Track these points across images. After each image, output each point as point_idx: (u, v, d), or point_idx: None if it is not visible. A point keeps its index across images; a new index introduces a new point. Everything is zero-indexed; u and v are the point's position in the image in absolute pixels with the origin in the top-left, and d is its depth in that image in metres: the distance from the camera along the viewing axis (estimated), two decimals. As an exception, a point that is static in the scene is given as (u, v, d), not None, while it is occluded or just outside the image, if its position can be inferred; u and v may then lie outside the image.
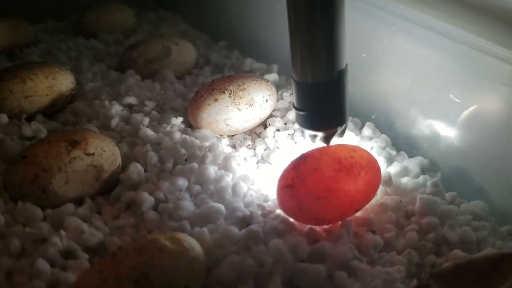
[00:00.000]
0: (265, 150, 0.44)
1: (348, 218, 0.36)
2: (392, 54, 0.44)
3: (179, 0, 0.67)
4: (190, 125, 0.46)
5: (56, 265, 0.33)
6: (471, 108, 0.40)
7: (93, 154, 0.38)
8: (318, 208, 0.34)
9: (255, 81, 0.45)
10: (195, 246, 0.31)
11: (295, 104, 0.37)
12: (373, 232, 0.36)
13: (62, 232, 0.34)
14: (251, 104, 0.44)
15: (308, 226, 0.35)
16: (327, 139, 0.38)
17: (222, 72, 0.55)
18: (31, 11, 0.61)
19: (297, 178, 0.34)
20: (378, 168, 0.37)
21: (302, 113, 0.36)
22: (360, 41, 0.46)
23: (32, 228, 0.35)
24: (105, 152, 0.38)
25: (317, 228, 0.36)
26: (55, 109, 0.47)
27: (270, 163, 0.43)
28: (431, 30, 0.41)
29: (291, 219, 0.36)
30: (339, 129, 0.37)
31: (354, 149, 0.36)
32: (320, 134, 0.37)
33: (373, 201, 0.38)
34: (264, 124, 0.47)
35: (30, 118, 0.45)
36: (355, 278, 0.32)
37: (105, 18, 0.61)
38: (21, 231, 0.34)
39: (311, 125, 0.37)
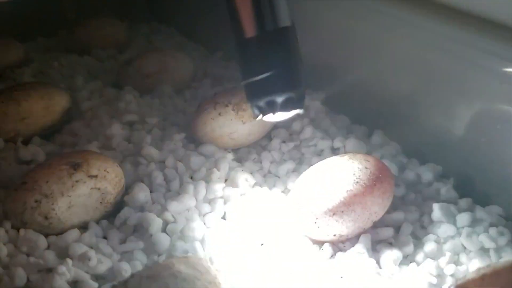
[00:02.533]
0: (271, 163, 0.43)
1: (366, 232, 0.35)
2: (399, 59, 0.43)
3: (172, 12, 0.66)
4: (193, 141, 0.44)
5: (64, 296, 0.31)
6: (481, 112, 0.39)
7: (96, 176, 0.36)
8: (335, 224, 0.33)
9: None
10: (210, 269, 0.30)
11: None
12: (391, 243, 0.35)
13: (69, 261, 0.32)
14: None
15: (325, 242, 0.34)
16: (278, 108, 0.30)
17: (221, 83, 0.54)
18: (20, 28, 0.60)
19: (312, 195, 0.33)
20: (392, 177, 0.36)
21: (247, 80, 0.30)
22: (365, 47, 0.45)
23: (37, 257, 0.33)
24: (109, 174, 0.37)
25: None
26: (52, 131, 0.45)
27: (278, 177, 0.41)
28: (438, 34, 0.40)
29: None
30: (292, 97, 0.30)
31: (367, 159, 0.35)
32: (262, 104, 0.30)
33: (388, 212, 0.37)
34: (268, 136, 0.46)
35: (27, 141, 0.44)
36: (377, 293, 0.31)
37: (97, 33, 0.60)
38: (25, 261, 0.33)
39: (256, 92, 0.30)
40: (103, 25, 0.60)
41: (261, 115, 0.31)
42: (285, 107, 0.30)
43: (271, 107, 0.30)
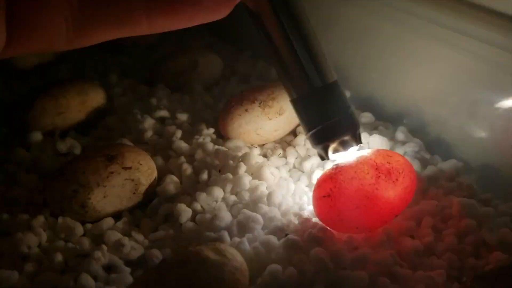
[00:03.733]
0: (296, 158, 0.44)
1: (387, 225, 0.36)
2: (420, 56, 0.44)
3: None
4: (221, 136, 0.46)
5: (99, 280, 0.33)
6: (503, 108, 0.40)
7: (130, 168, 0.38)
8: (358, 217, 0.34)
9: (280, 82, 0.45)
10: (237, 256, 0.31)
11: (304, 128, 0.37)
12: (412, 237, 0.36)
13: (104, 247, 0.34)
14: (281, 113, 0.44)
15: (347, 234, 0.35)
16: (342, 148, 0.36)
17: (249, 82, 0.55)
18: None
19: (335, 188, 0.34)
20: (414, 173, 0.37)
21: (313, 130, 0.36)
22: (387, 45, 0.46)
23: (74, 243, 0.35)
24: (142, 166, 0.39)
25: (356, 236, 0.36)
26: (87, 125, 0.48)
27: (303, 171, 0.43)
28: (460, 33, 0.41)
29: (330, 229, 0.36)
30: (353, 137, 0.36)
31: (389, 154, 0.36)
32: (332, 146, 0.36)
33: (410, 206, 0.38)
34: (294, 133, 0.47)
35: (64, 135, 0.46)
36: (398, 283, 0.32)
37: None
38: (63, 246, 0.35)
39: (320, 138, 0.36)
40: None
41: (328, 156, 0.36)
42: (348, 145, 0.36)
43: (340, 147, 0.36)
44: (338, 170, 0.35)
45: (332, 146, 0.36)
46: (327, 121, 0.35)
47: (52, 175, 0.38)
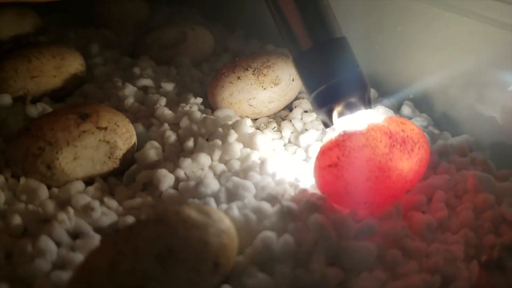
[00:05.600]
0: (292, 133, 0.40)
1: (398, 200, 0.31)
2: (429, 25, 0.40)
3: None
4: (210, 107, 0.42)
5: (63, 245, 0.28)
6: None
7: (105, 128, 0.34)
8: (368, 191, 0.30)
9: (281, 59, 0.42)
10: (225, 219, 0.27)
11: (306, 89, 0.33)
12: (423, 212, 0.32)
13: (70, 209, 0.30)
14: (276, 83, 0.40)
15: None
16: (349, 111, 0.32)
17: (242, 58, 0.51)
18: (38, 5, 0.58)
19: (344, 156, 0.29)
20: (428, 144, 0.32)
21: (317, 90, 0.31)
22: (394, 13, 0.42)
23: (36, 206, 0.30)
24: (119, 128, 0.34)
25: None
26: (63, 93, 0.43)
27: (299, 146, 0.39)
28: (463, 10, 0.37)
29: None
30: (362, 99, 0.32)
31: (403, 122, 0.32)
32: (337, 109, 0.32)
33: (420, 181, 0.34)
34: (289, 108, 0.43)
35: (36, 101, 0.41)
36: (409, 257, 0.28)
37: (116, 9, 0.58)
38: (24, 209, 0.30)
39: (324, 99, 0.31)
40: (123, 2, 0.59)
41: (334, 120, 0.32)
42: (355, 108, 0.31)
43: (347, 110, 0.31)
44: (347, 136, 0.30)
45: (337, 109, 0.32)
46: (332, 80, 0.31)
47: (16, 133, 0.34)
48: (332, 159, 0.30)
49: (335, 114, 0.32)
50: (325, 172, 0.30)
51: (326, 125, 0.33)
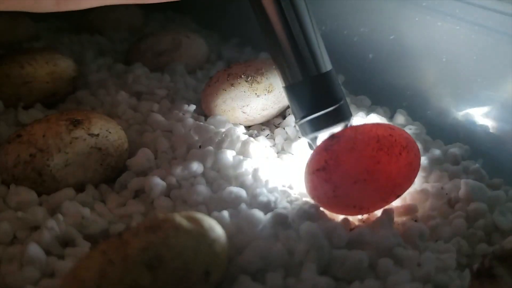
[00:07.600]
0: (285, 140, 0.40)
1: (389, 206, 0.31)
2: (422, 34, 0.41)
3: (187, 1, 0.64)
4: (204, 115, 0.41)
5: (52, 253, 0.28)
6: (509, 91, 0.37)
7: (97, 135, 0.34)
8: (356, 193, 0.30)
9: (274, 67, 0.41)
10: (216, 227, 0.26)
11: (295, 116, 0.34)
12: (415, 221, 0.32)
13: (60, 216, 0.29)
14: (270, 91, 0.40)
15: (343, 216, 0.31)
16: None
17: (236, 66, 0.51)
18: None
19: (331, 160, 0.30)
20: (418, 149, 0.32)
21: (304, 119, 0.33)
22: (387, 21, 0.42)
23: (25, 213, 0.30)
24: (111, 134, 0.34)
25: (352, 218, 0.31)
26: (55, 100, 0.43)
27: (292, 154, 0.39)
28: (468, 3, 0.37)
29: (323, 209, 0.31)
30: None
31: (391, 127, 0.32)
32: (322, 137, 0.33)
33: (412, 189, 0.34)
34: (283, 115, 0.43)
35: (28, 107, 0.41)
36: (401, 266, 0.28)
37: (111, 16, 0.58)
38: (13, 216, 0.30)
39: (311, 128, 0.33)
40: (117, 8, 0.58)
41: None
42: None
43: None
44: (335, 141, 0.31)
45: (321, 137, 0.33)
46: (318, 112, 0.33)
47: (7, 139, 0.33)
48: (320, 163, 0.30)
49: (319, 140, 0.33)
50: (314, 176, 0.30)
51: (311, 146, 0.35)
